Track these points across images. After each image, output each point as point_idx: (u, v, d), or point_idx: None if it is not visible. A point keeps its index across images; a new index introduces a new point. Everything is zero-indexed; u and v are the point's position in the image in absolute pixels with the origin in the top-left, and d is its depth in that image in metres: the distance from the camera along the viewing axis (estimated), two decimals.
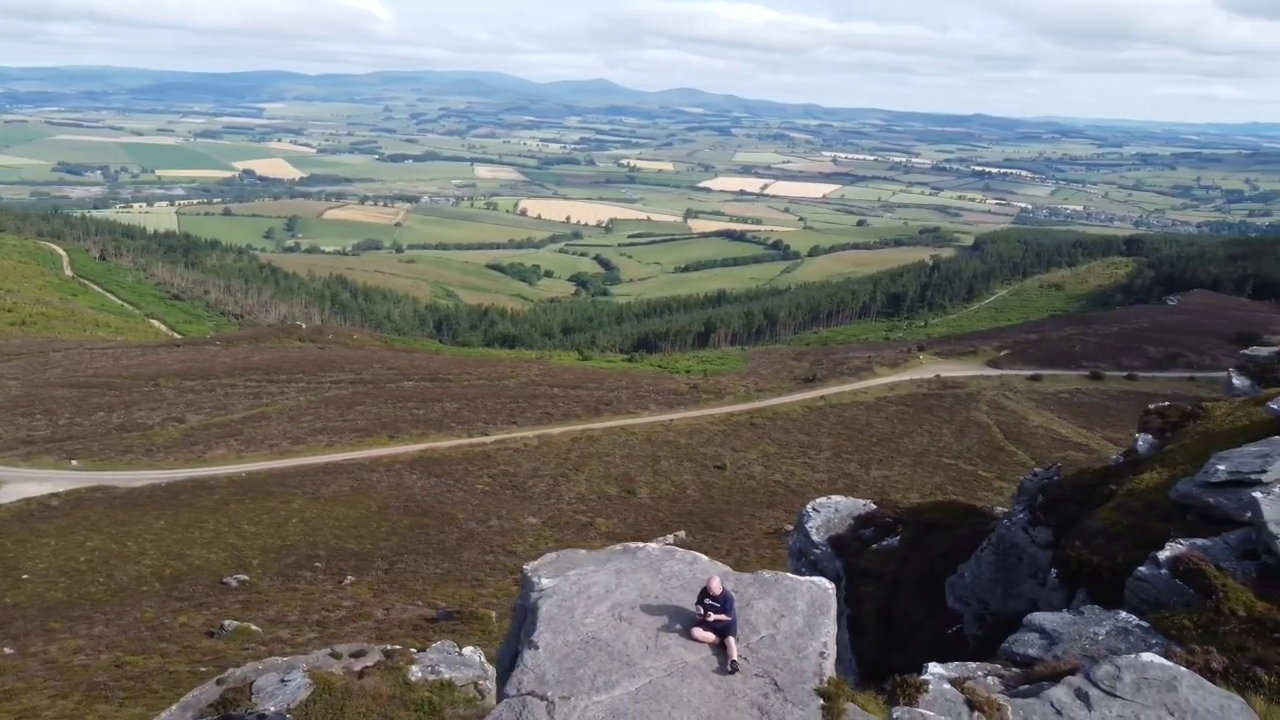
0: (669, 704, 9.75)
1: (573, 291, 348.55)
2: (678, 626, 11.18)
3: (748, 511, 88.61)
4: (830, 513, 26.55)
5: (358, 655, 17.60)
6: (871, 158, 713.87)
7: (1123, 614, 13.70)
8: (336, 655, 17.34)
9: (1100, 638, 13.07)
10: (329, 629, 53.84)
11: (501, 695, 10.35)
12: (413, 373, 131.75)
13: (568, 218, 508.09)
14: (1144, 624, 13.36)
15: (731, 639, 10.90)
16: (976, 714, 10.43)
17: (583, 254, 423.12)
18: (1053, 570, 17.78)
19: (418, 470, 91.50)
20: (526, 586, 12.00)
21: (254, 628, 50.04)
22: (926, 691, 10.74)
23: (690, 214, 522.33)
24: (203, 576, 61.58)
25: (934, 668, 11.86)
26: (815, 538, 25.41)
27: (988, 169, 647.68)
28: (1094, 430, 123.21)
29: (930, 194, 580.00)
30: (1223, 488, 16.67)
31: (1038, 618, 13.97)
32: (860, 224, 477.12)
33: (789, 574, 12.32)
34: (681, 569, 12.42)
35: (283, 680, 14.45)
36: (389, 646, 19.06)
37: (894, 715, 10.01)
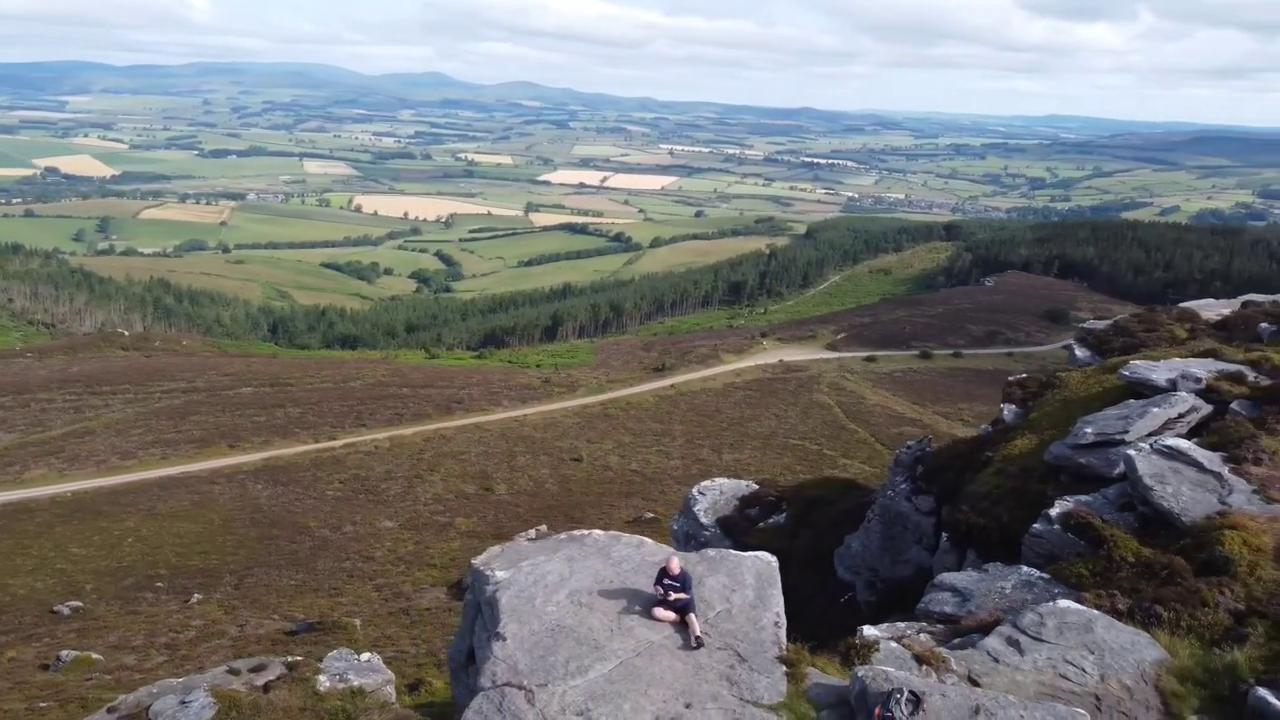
0: (643, 683, 9.83)
1: (414, 289, 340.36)
2: (637, 608, 11.32)
3: (607, 502, 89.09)
4: (716, 495, 26.98)
5: (258, 670, 16.63)
6: (707, 150, 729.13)
7: (1024, 569, 14.53)
8: (235, 672, 16.32)
9: (1007, 591, 13.81)
10: (179, 651, 51.01)
11: (476, 689, 10.01)
12: (250, 378, 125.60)
13: (406, 213, 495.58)
14: (1045, 576, 14.20)
15: (693, 616, 11.10)
16: (925, 667, 10.90)
17: (423, 250, 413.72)
18: (944, 534, 18.63)
19: (263, 479, 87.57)
20: (479, 581, 11.78)
21: (95, 656, 46.61)
22: (878, 650, 11.12)
23: (531, 208, 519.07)
24: (29, 606, 56.96)
25: (869, 630, 12.30)
26: (704, 520, 25.76)
27: (816, 160, 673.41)
28: (926, 406, 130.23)
29: (763, 185, 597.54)
30: (1092, 448, 17.88)
31: (948, 578, 14.63)
32: (698, 215, 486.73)
33: (733, 551, 12.48)
34: (630, 553, 12.50)
35: (183, 702, 13.44)
36: (290, 658, 18.10)
37: (858, 674, 10.31)
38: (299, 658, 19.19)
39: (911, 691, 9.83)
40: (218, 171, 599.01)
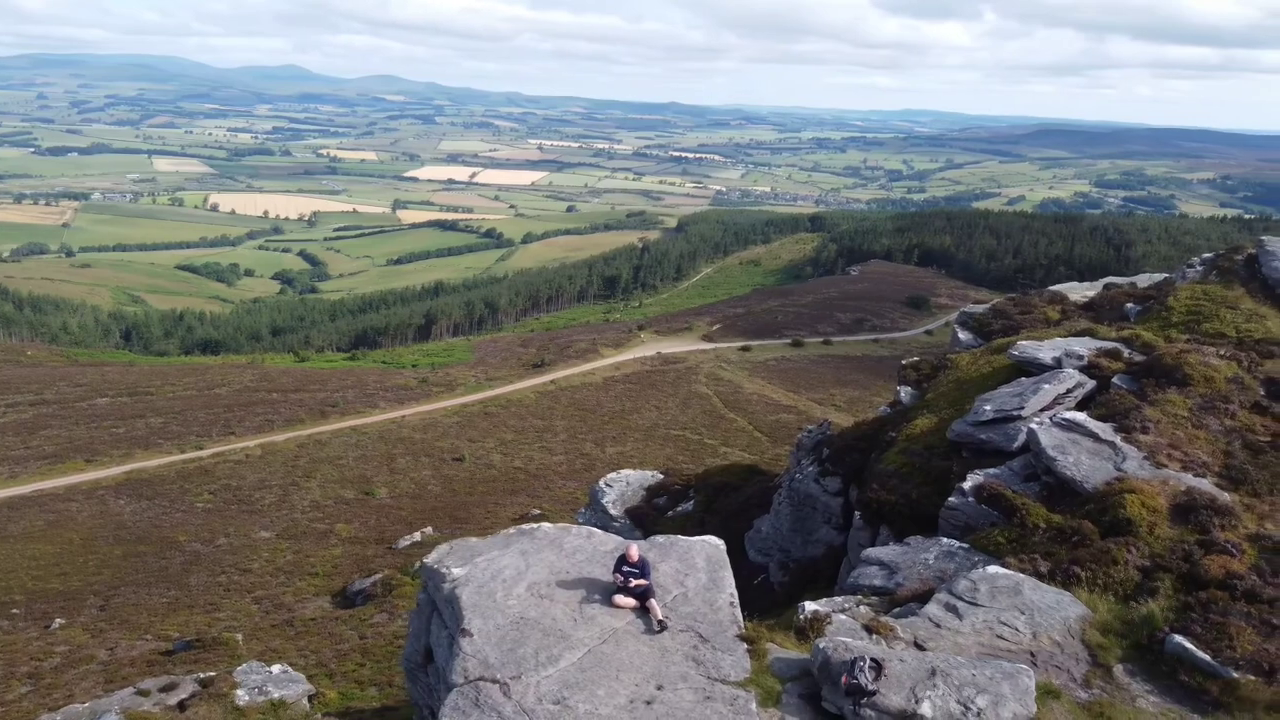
0: (614, 668, 9.90)
1: (278, 290, 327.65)
2: (597, 597, 11.39)
3: (492, 500, 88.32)
4: (623, 486, 27.15)
5: (169, 689, 15.80)
6: (576, 145, 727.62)
7: (944, 540, 15.23)
8: (144, 693, 15.45)
9: (930, 562, 14.45)
10: (44, 680, 48.05)
11: (448, 686, 9.86)
12: (106, 388, 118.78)
13: (266, 212, 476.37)
14: (964, 546, 14.93)
15: (653, 601, 11.19)
16: (875, 636, 11.29)
17: (285, 250, 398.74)
18: (856, 513, 19.29)
19: (125, 494, 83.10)
20: (434, 579, 11.60)
21: None
22: (831, 623, 11.45)
23: (399, 204, 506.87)
24: None
25: (810, 605, 12.67)
26: (613, 512, 25.90)
27: (684, 154, 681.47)
28: (800, 393, 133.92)
29: (633, 179, 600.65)
30: (991, 425, 18.86)
31: (874, 553, 15.20)
32: (570, 210, 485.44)
33: (680, 536, 12.66)
34: (581, 543, 12.54)
35: None
36: (202, 675, 17.24)
37: (820, 646, 10.62)
38: (213, 673, 18.35)
39: (873, 659, 10.24)
40: (57, 170, 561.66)
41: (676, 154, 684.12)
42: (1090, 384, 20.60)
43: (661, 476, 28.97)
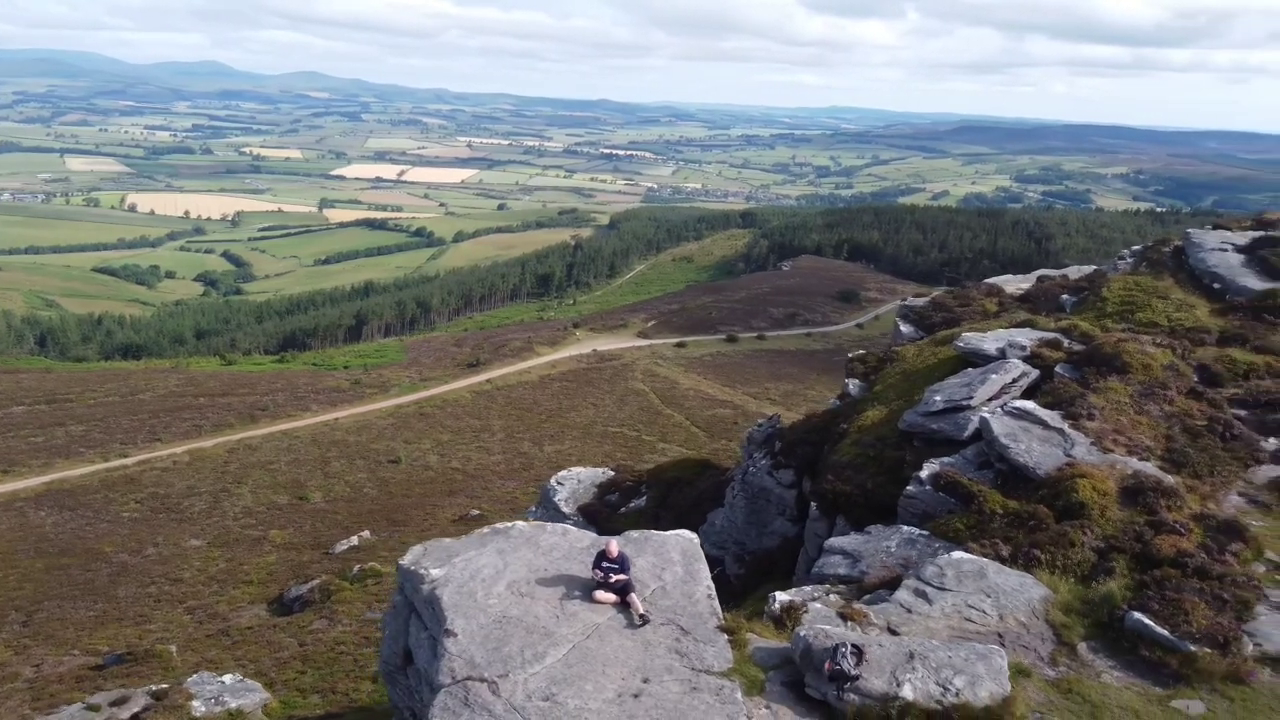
0: (599, 663, 9.97)
1: (201, 292, 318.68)
2: (577, 593, 11.45)
3: (430, 502, 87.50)
4: (574, 484, 27.14)
5: (120, 703, 15.37)
6: (506, 142, 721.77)
7: (905, 528, 15.58)
8: (94, 708, 15.01)
9: (893, 550, 14.78)
10: None
11: (434, 687, 9.79)
12: (22, 396, 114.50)
13: (187, 212, 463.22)
14: (924, 533, 15.29)
15: (634, 595, 11.25)
16: (850, 623, 11.52)
17: (209, 250, 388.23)
18: (812, 504, 19.59)
19: (46, 505, 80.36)
20: (411, 580, 11.51)
21: None
22: (808, 611, 11.65)
23: (326, 203, 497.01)
24: None
25: (781, 595, 12.88)
26: (565, 510, 25.88)
27: (615, 151, 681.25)
28: (735, 388, 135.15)
29: (564, 176, 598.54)
30: (942, 415, 19.33)
31: (836, 542, 15.48)
32: (501, 208, 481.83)
33: (654, 531, 12.75)
34: (557, 540, 12.56)
35: None
36: (154, 687, 16.77)
37: (801, 634, 10.80)
38: (165, 685, 17.84)
39: (854, 645, 10.47)
40: None
41: (607, 151, 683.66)
42: (1034, 373, 21.25)
43: (612, 473, 29.05)
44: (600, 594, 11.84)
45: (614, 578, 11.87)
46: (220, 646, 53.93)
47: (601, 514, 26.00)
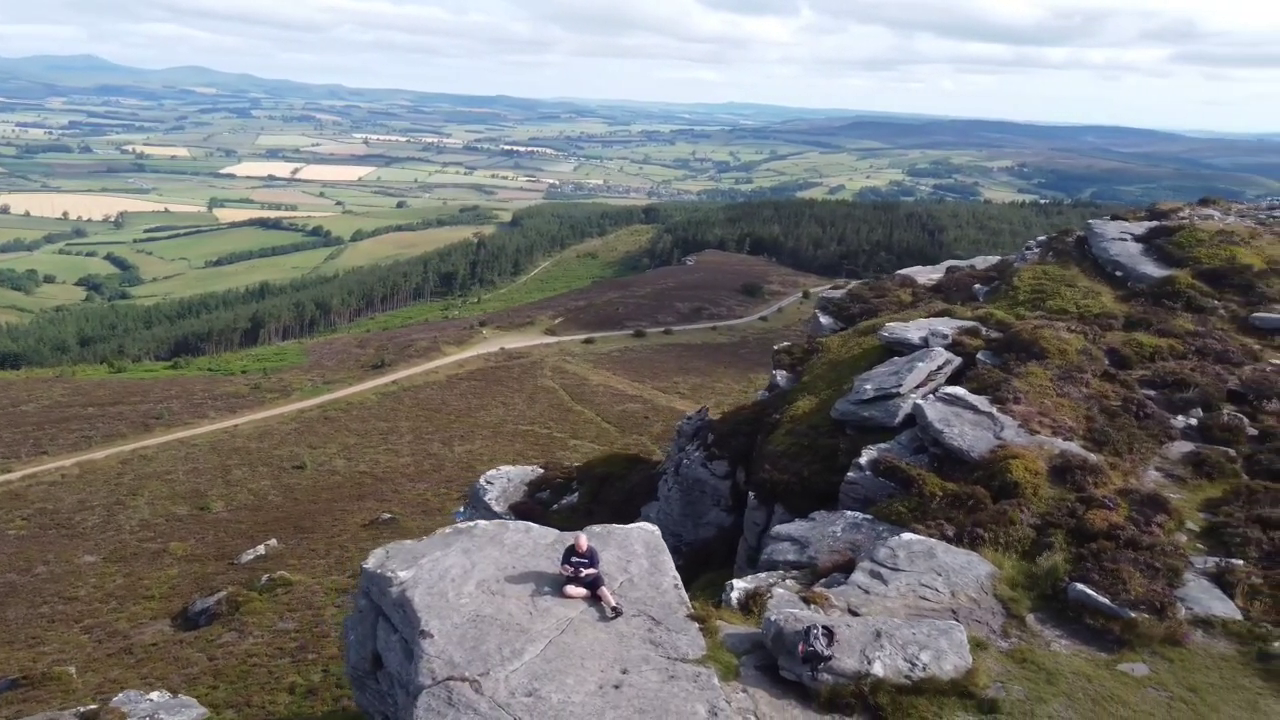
0: (577, 657, 10.03)
1: (84, 297, 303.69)
2: (547, 589, 11.46)
3: (338, 507, 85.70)
4: (504, 482, 26.99)
5: None
6: (403, 139, 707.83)
7: (848, 513, 16.03)
8: None
9: (839, 534, 15.19)
10: None
11: (414, 689, 9.70)
12: None
13: (65, 213, 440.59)
14: (868, 517, 15.76)
15: (604, 589, 11.28)
16: (813, 606, 11.82)
17: (91, 253, 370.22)
18: (750, 493, 19.95)
19: None
20: (379, 584, 11.32)
21: None
22: (772, 597, 11.89)
23: (216, 203, 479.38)
24: None
25: (738, 583, 13.11)
26: (497, 509, 25.71)
27: (516, 148, 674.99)
28: (645, 382, 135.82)
29: (465, 173, 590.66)
30: (873, 403, 19.93)
31: (783, 529, 15.84)
32: (400, 205, 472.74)
33: (616, 525, 12.83)
34: (521, 538, 12.53)
35: None
36: (82, 708, 16.02)
37: (771, 619, 11.05)
38: (93, 705, 17.07)
39: (824, 627, 10.78)
40: None
41: (508, 147, 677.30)
42: (957, 360, 22.07)
43: (542, 470, 28.96)
44: (571, 589, 11.90)
45: (584, 572, 11.95)
46: (124, 665, 51.83)
47: (534, 511, 25.91)
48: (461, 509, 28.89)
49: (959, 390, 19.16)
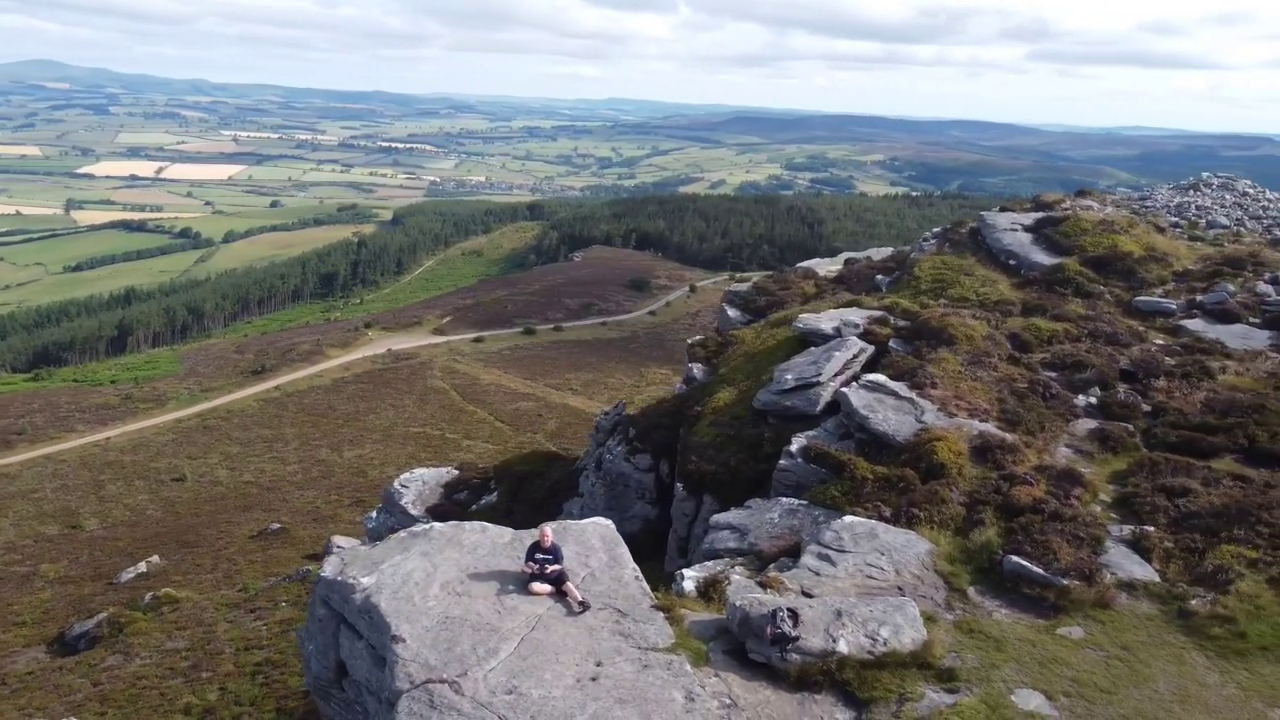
0: (551, 652, 10.16)
1: None
2: (512, 587, 11.48)
3: (224, 519, 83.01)
4: (420, 485, 26.64)
5: None
6: (275, 136, 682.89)
7: (784, 499, 16.48)
8: None
9: (777, 520, 15.63)
10: None
11: (391, 694, 9.64)
12: None
13: None
14: (804, 502, 16.25)
15: (570, 584, 11.37)
16: (769, 590, 12.18)
17: None
18: (678, 485, 20.27)
19: None
20: (340, 591, 11.19)
21: None
22: (730, 583, 12.19)
23: (73, 204, 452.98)
24: None
25: (688, 572, 13.38)
26: (414, 512, 25.37)
27: (394, 144, 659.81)
28: (537, 380, 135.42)
29: (341, 171, 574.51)
30: (794, 392, 20.51)
31: (722, 518, 16.19)
32: (274, 205, 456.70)
33: (571, 520, 12.95)
34: (479, 538, 12.53)
35: None
36: None
37: (736, 604, 11.36)
38: None
39: (789, 609, 11.12)
40: None
41: (386, 144, 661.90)
42: (871, 349, 22.90)
43: (457, 472, 28.66)
44: (537, 586, 11.95)
45: (550, 569, 12.03)
46: None
47: (452, 513, 25.61)
48: (374, 514, 28.32)
49: (880, 377, 19.90)
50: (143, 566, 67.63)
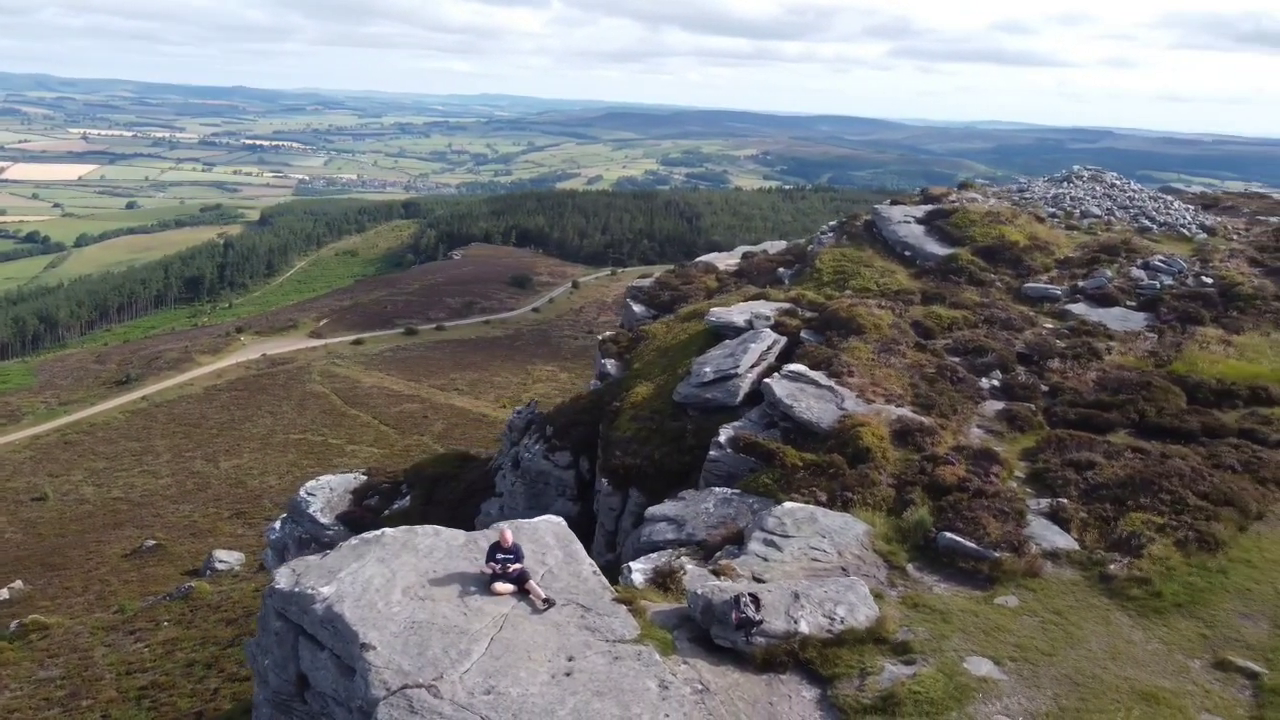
0: (523, 650, 10.30)
1: None
2: (473, 588, 11.49)
3: (92, 539, 79.12)
4: (327, 493, 25.94)
5: None
6: (130, 134, 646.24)
7: (716, 489, 16.82)
8: None
9: (712, 510, 15.97)
10: None
11: (366, 702, 9.54)
12: None
13: None
14: (737, 491, 16.63)
15: (533, 582, 11.41)
16: (723, 577, 12.46)
17: None
18: (603, 479, 20.39)
19: None
20: (299, 602, 11.03)
21: None
22: (686, 573, 12.42)
23: None
24: None
25: (636, 564, 13.56)
26: (323, 520, 24.69)
27: (259, 142, 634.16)
28: (421, 381, 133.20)
29: (204, 170, 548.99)
30: (714, 384, 20.94)
31: (658, 510, 16.43)
32: (131, 206, 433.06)
33: (522, 519, 12.98)
34: (433, 542, 12.49)
35: None
36: None
37: (698, 592, 11.66)
38: None
39: (750, 594, 11.42)
40: None
41: (250, 142, 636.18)
42: (784, 340, 23.48)
43: (365, 477, 27.98)
44: (499, 585, 11.93)
45: (511, 568, 12.03)
46: None
47: (365, 519, 25.01)
48: (276, 525, 27.38)
49: (801, 367, 20.45)
50: (5, 593, 63.78)
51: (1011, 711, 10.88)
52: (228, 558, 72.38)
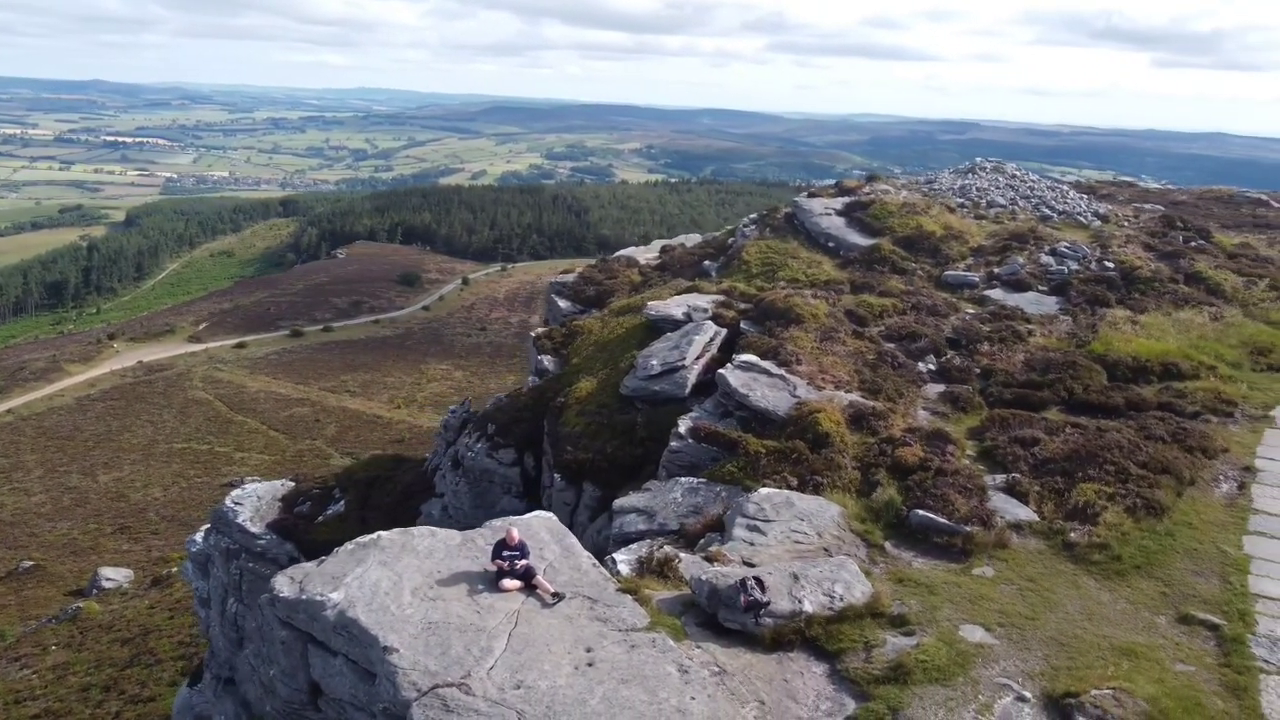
0: (542, 644, 10.47)
1: None
2: (480, 587, 11.56)
3: None
4: (255, 501, 25.10)
5: None
6: None
7: (682, 479, 17.07)
8: None
9: (680, 500, 16.22)
10: None
11: (393, 704, 9.51)
12: None
13: None
14: (703, 480, 16.91)
15: (539, 577, 11.51)
16: (716, 564, 12.75)
17: None
18: (556, 475, 20.39)
19: None
20: (308, 609, 10.89)
21: None
22: (680, 561, 12.66)
23: None
24: None
25: (620, 554, 13.71)
26: (254, 529, 23.91)
27: (121, 139, 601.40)
28: (310, 384, 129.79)
29: (60, 169, 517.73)
30: (661, 377, 21.22)
31: (626, 502, 16.59)
32: None
33: (514, 516, 13.01)
34: (432, 543, 12.44)
35: None
36: None
37: (703, 578, 11.87)
38: None
39: (755, 577, 11.71)
40: None
41: (111, 139, 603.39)
42: (724, 331, 23.90)
43: (293, 483, 27.11)
44: (507, 582, 11.96)
45: (519, 564, 12.06)
46: None
47: (297, 527, 24.30)
48: (198, 537, 26.29)
49: (752, 357, 20.87)
50: None
51: (1010, 673, 11.53)
52: (115, 575, 69.17)
